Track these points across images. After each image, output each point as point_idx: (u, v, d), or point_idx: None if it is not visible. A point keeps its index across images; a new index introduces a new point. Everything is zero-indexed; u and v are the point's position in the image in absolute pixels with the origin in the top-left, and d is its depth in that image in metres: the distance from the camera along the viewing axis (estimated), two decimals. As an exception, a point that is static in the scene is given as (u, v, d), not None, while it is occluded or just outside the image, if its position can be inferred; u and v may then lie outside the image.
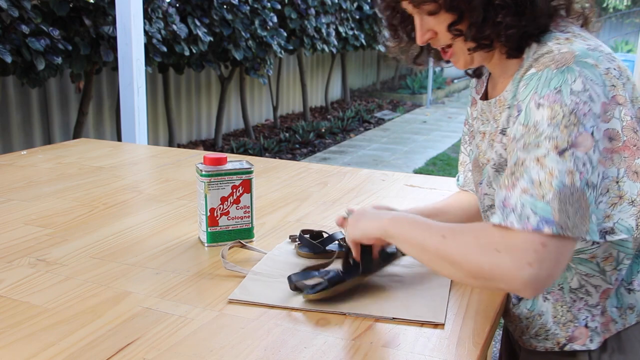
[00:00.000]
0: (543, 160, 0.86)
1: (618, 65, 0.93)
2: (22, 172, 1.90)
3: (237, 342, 0.93)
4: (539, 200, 0.84)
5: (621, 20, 17.86)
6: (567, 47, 0.92)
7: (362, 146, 6.98)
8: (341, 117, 8.20)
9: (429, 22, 1.02)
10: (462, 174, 1.34)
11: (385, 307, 1.02)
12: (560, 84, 0.87)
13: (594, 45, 0.94)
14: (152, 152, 2.46)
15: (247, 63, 5.92)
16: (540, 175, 0.85)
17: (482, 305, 1.05)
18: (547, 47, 0.94)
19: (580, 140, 0.85)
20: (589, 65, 0.89)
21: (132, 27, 2.98)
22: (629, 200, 0.90)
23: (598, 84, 0.88)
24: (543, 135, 0.86)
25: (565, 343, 1.07)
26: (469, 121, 1.27)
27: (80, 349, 0.90)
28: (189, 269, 1.19)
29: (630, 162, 0.90)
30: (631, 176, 0.90)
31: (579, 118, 0.86)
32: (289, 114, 8.53)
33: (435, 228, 0.95)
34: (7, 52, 3.40)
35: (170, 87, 5.88)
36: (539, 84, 0.89)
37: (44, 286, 1.11)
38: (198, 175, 1.30)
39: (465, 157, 1.32)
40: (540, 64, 0.92)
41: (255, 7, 5.70)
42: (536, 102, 0.88)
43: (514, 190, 0.87)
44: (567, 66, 0.88)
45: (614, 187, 0.90)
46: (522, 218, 0.84)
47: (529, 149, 0.88)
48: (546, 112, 0.87)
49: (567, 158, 0.85)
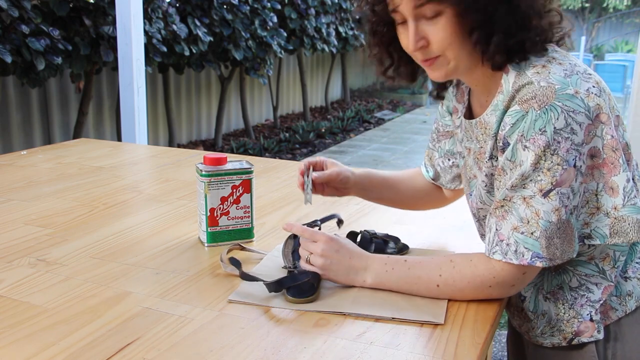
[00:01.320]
0: (529, 201, 0.96)
1: (595, 81, 0.98)
2: (22, 172, 1.90)
3: (237, 342, 0.93)
4: (529, 237, 0.96)
5: (621, 20, 17.85)
6: (546, 79, 0.95)
7: (362, 146, 6.98)
8: (341, 117, 8.20)
9: (425, 30, 0.99)
10: (431, 168, 1.35)
11: (385, 307, 1.02)
12: (545, 124, 0.93)
13: (570, 68, 0.97)
14: (152, 152, 2.46)
15: (247, 63, 5.92)
16: (527, 213, 0.96)
17: (482, 305, 1.05)
18: (526, 77, 0.97)
19: (564, 177, 0.94)
20: (570, 95, 0.93)
21: (132, 27, 2.98)
22: (605, 212, 0.99)
23: (581, 112, 0.94)
24: (528, 178, 0.95)
25: (572, 337, 1.08)
26: (440, 121, 1.29)
27: (80, 349, 0.90)
28: (189, 269, 1.19)
29: (608, 179, 0.98)
30: (608, 191, 0.98)
31: (562, 156, 0.93)
32: (289, 114, 8.53)
33: (425, 279, 1.05)
34: (7, 52, 3.40)
35: (170, 87, 5.88)
36: (525, 126, 0.94)
37: (44, 286, 1.11)
38: (198, 175, 1.30)
39: (433, 153, 1.33)
40: (524, 101, 0.95)
41: (255, 7, 5.70)
42: (523, 144, 0.95)
43: (505, 223, 0.99)
44: (549, 104, 0.93)
45: (593, 199, 0.99)
46: (518, 256, 0.98)
47: (516, 189, 0.97)
48: (531, 156, 0.94)
49: (552, 197, 0.94)
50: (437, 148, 1.31)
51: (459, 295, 1.05)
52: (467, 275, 1.03)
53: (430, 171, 1.36)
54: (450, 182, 1.32)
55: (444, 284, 1.04)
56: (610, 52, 14.55)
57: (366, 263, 1.08)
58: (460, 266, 1.04)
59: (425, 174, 1.37)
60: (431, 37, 0.99)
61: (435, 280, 1.04)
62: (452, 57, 1.00)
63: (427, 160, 1.36)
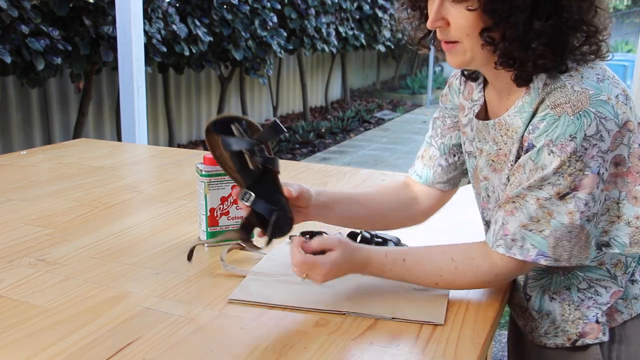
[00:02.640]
0: (543, 202, 0.95)
1: (622, 88, 0.96)
2: (22, 172, 1.90)
3: (237, 342, 0.93)
4: (537, 235, 0.96)
5: (621, 20, 17.85)
6: (579, 83, 0.93)
7: (362, 146, 6.98)
8: (341, 117, 8.19)
9: (448, 11, 0.95)
10: (430, 169, 1.24)
11: (385, 307, 1.02)
12: (576, 130, 0.91)
13: (601, 73, 0.96)
14: (152, 152, 2.46)
15: (247, 63, 5.92)
16: (539, 213, 0.95)
17: (482, 305, 1.05)
18: (559, 80, 0.94)
19: (585, 182, 0.93)
20: (603, 102, 0.92)
21: (132, 27, 2.98)
22: (626, 221, 0.98)
23: (611, 119, 0.92)
24: (547, 180, 0.94)
25: (576, 339, 1.07)
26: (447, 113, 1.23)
27: (80, 349, 0.90)
28: (189, 269, 1.19)
29: (632, 187, 0.97)
30: (631, 200, 0.97)
31: (586, 162, 0.92)
32: (289, 114, 8.53)
33: (423, 280, 1.05)
34: (7, 52, 3.39)
35: (170, 87, 5.87)
36: (557, 131, 0.92)
37: (44, 286, 1.11)
38: (198, 175, 1.30)
39: (435, 151, 1.24)
40: (557, 105, 0.93)
41: (255, 7, 5.70)
42: (549, 148, 0.93)
43: (513, 219, 0.98)
44: (583, 110, 0.91)
45: (614, 207, 0.98)
46: (524, 251, 0.98)
47: (532, 188, 0.96)
48: (555, 161, 0.92)
49: (568, 200, 0.94)
50: (439, 145, 1.23)
51: (455, 288, 1.07)
52: (469, 275, 1.03)
53: (427, 174, 1.25)
54: (449, 182, 1.24)
55: (443, 282, 1.05)
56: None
57: (365, 265, 1.05)
58: (463, 266, 1.03)
59: (418, 179, 1.26)
60: (452, 19, 0.95)
61: (434, 281, 1.05)
62: (469, 47, 0.97)
63: (424, 162, 1.26)
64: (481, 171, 1.14)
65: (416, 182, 1.27)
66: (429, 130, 1.27)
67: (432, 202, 1.26)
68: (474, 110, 1.14)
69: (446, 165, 1.23)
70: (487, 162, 1.11)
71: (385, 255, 1.06)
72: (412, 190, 1.27)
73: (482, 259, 1.03)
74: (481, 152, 1.13)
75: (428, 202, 1.26)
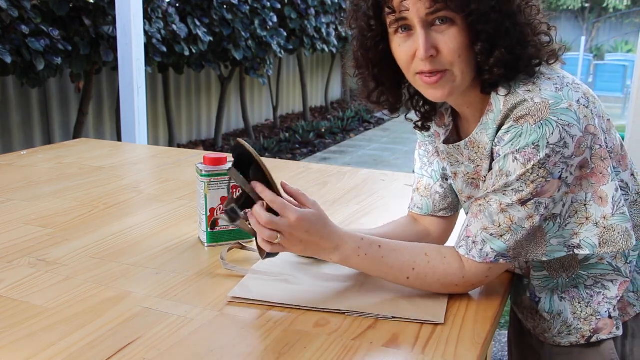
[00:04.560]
0: (505, 208, 0.98)
1: (583, 92, 0.97)
2: (22, 172, 1.90)
3: (237, 342, 0.93)
4: (497, 239, 0.99)
5: (621, 20, 17.86)
6: (538, 95, 0.95)
7: (362, 146, 6.98)
8: (341, 117, 8.20)
9: (435, 38, 0.95)
10: (429, 199, 1.23)
11: (385, 307, 1.02)
12: (539, 139, 0.93)
13: (559, 81, 0.97)
14: (152, 152, 2.46)
15: (247, 63, 5.92)
16: (500, 218, 0.98)
17: (482, 305, 1.05)
18: (518, 95, 0.96)
19: (546, 188, 0.95)
20: (564, 109, 0.93)
21: (132, 27, 2.98)
22: (594, 222, 0.99)
23: (574, 125, 0.93)
24: (511, 187, 0.96)
25: (590, 335, 1.08)
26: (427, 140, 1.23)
27: (80, 349, 0.90)
28: (189, 269, 1.19)
29: (597, 188, 0.98)
30: (597, 200, 0.98)
31: (549, 169, 0.94)
32: (289, 114, 8.53)
33: (397, 269, 1.04)
34: (7, 52, 3.40)
35: (170, 87, 5.88)
36: (520, 139, 0.94)
37: (44, 286, 1.11)
38: (198, 175, 1.30)
39: (428, 180, 1.23)
40: (519, 117, 0.95)
41: (255, 7, 5.71)
42: (514, 155, 0.95)
43: (476, 221, 1.01)
44: (544, 119, 0.93)
45: (582, 209, 0.99)
46: (483, 254, 1.01)
47: (496, 192, 0.98)
48: (519, 169, 0.95)
49: (529, 206, 0.96)
50: (431, 173, 1.23)
51: (425, 289, 1.06)
52: (439, 272, 1.03)
53: (427, 204, 1.23)
54: (449, 208, 1.23)
55: (415, 277, 1.04)
56: (610, 52, 14.56)
57: (336, 244, 1.02)
58: (435, 262, 1.04)
59: (420, 211, 1.24)
60: (442, 46, 0.95)
61: (406, 273, 1.04)
62: (459, 72, 0.97)
63: (420, 194, 1.24)
64: (462, 193, 1.16)
65: (419, 215, 1.25)
66: (417, 163, 1.26)
67: (441, 231, 1.24)
68: (446, 135, 1.15)
69: (442, 192, 1.22)
70: (466, 181, 1.13)
71: (362, 239, 1.04)
72: (420, 224, 1.25)
73: (453, 259, 1.04)
74: (455, 175, 1.15)
75: (437, 231, 1.24)
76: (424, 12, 0.93)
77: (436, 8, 0.92)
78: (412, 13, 0.94)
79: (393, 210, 1.47)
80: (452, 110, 1.14)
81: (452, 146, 1.11)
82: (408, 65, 0.99)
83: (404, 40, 0.98)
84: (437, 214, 1.22)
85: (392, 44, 1.01)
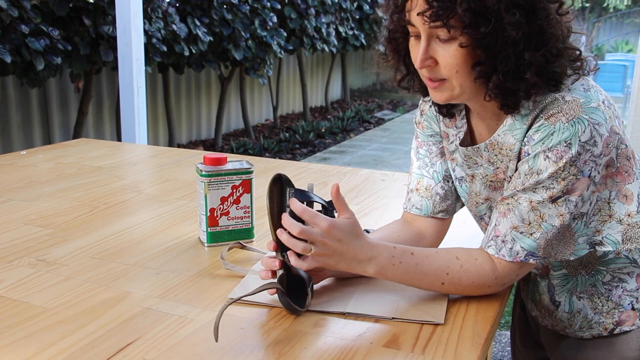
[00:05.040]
0: (536, 205, 0.98)
1: (605, 95, 1.00)
2: (22, 172, 1.90)
3: (237, 342, 0.93)
4: (527, 237, 0.99)
5: (621, 20, 17.86)
6: (569, 94, 0.96)
7: (362, 146, 6.98)
8: (341, 117, 8.20)
9: (436, 50, 0.96)
10: (429, 199, 1.20)
11: (385, 307, 1.02)
12: (571, 137, 0.94)
13: (585, 82, 0.99)
14: (152, 152, 2.46)
15: (247, 63, 5.92)
16: (531, 216, 0.98)
17: (482, 305, 1.05)
18: (549, 95, 0.97)
19: (577, 185, 0.96)
20: (594, 108, 0.95)
21: (132, 27, 2.98)
22: (617, 219, 1.01)
23: (602, 124, 0.95)
24: (541, 184, 0.96)
25: (613, 327, 1.09)
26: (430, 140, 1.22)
27: (80, 349, 0.90)
28: (189, 269, 1.19)
29: (622, 187, 1.00)
30: (621, 199, 1.01)
31: (579, 167, 0.94)
32: (289, 114, 8.53)
33: (432, 275, 1.03)
34: (7, 52, 3.40)
35: (170, 87, 5.87)
36: (552, 137, 0.95)
37: (44, 286, 1.11)
38: (198, 175, 1.30)
39: (429, 181, 1.20)
40: (550, 115, 0.95)
41: (255, 7, 5.70)
42: (545, 154, 0.96)
43: (505, 220, 1.01)
44: (577, 117, 0.94)
45: (605, 207, 1.01)
46: (513, 253, 1.00)
47: (526, 190, 0.98)
48: (551, 167, 0.95)
49: (560, 204, 0.97)
50: (432, 174, 1.21)
51: (459, 292, 1.06)
52: (473, 274, 1.03)
53: (427, 205, 1.21)
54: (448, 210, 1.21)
55: (449, 282, 1.03)
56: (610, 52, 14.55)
57: (372, 254, 0.99)
58: (467, 265, 1.03)
59: (419, 212, 1.21)
60: (440, 58, 0.96)
61: (441, 278, 1.03)
62: (458, 84, 0.98)
63: (420, 194, 1.21)
64: (479, 195, 1.15)
65: (416, 216, 1.22)
66: (414, 162, 1.24)
67: (436, 233, 1.22)
68: (459, 137, 1.14)
69: (443, 193, 1.20)
70: (485, 184, 1.13)
71: (394, 247, 1.02)
72: (414, 226, 1.22)
73: (484, 260, 1.04)
74: (473, 177, 1.14)
75: (433, 233, 1.22)
76: (425, 24, 0.94)
77: (434, 25, 0.93)
78: (417, 24, 0.96)
79: (393, 210, 1.47)
80: (465, 112, 1.14)
81: (472, 148, 1.10)
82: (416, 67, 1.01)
83: (415, 44, 1.00)
84: (435, 216, 1.21)
85: (409, 43, 1.03)
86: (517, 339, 1.38)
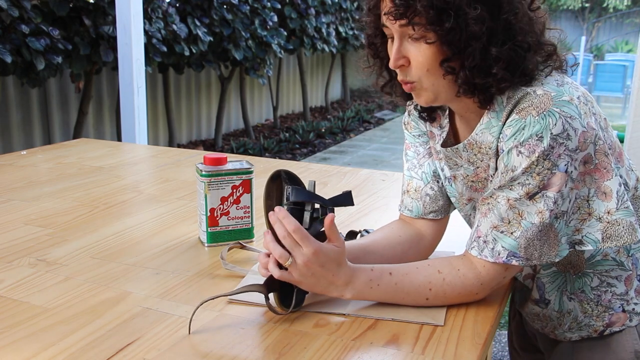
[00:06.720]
0: (513, 203, 0.97)
1: (582, 92, 0.99)
2: (22, 172, 1.90)
3: (237, 342, 0.93)
4: (508, 237, 0.97)
5: (621, 20, 17.85)
6: (540, 87, 0.96)
7: (362, 146, 6.98)
8: (341, 117, 8.20)
9: (408, 49, 0.97)
10: (419, 201, 1.20)
11: (385, 309, 1.02)
12: (542, 130, 0.93)
13: (559, 79, 0.99)
14: (152, 152, 2.46)
15: (247, 63, 5.92)
16: (509, 214, 0.97)
17: (482, 305, 1.05)
18: (521, 90, 0.97)
19: (553, 181, 0.94)
20: (566, 102, 0.94)
21: (132, 27, 2.98)
22: (597, 217, 0.99)
23: (575, 118, 0.94)
24: (517, 181, 0.96)
25: (603, 329, 1.09)
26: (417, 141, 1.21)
27: (80, 349, 0.90)
28: (189, 269, 1.19)
29: (600, 184, 0.98)
30: (600, 196, 0.98)
31: (553, 161, 0.93)
32: (289, 114, 8.53)
33: (414, 294, 1.02)
34: (7, 52, 3.40)
35: (170, 87, 5.88)
36: (524, 131, 0.94)
37: (44, 286, 1.11)
38: (198, 175, 1.30)
39: (418, 182, 1.20)
40: (521, 109, 0.95)
41: (255, 7, 5.71)
42: (517, 149, 0.95)
43: (485, 220, 1.00)
44: (547, 110, 0.93)
45: (585, 205, 0.99)
46: (494, 254, 0.99)
47: (502, 188, 0.98)
48: (524, 162, 0.94)
49: (537, 200, 0.95)
50: (421, 175, 1.20)
51: (447, 303, 1.04)
52: (458, 286, 1.02)
53: (417, 206, 1.20)
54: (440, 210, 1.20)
55: (434, 297, 1.02)
56: (610, 52, 14.55)
57: (349, 279, 0.99)
58: (450, 277, 1.02)
59: (410, 214, 1.21)
60: (412, 57, 0.97)
61: (424, 294, 1.02)
62: (428, 85, 0.98)
63: (411, 196, 1.21)
64: (463, 195, 1.15)
65: (410, 217, 1.22)
66: (405, 164, 1.24)
67: (433, 233, 1.21)
68: (442, 137, 1.15)
69: (433, 194, 1.19)
70: (466, 184, 1.12)
71: (372, 270, 1.02)
72: (412, 227, 1.22)
73: (467, 269, 1.02)
74: (455, 178, 1.14)
75: (431, 233, 1.21)
76: (395, 24, 0.96)
77: (401, 24, 0.95)
78: (389, 25, 0.98)
79: (393, 210, 1.47)
80: (449, 112, 1.14)
81: (451, 149, 1.10)
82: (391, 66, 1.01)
83: (390, 45, 1.01)
84: (426, 217, 1.20)
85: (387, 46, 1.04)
86: (515, 342, 1.38)
